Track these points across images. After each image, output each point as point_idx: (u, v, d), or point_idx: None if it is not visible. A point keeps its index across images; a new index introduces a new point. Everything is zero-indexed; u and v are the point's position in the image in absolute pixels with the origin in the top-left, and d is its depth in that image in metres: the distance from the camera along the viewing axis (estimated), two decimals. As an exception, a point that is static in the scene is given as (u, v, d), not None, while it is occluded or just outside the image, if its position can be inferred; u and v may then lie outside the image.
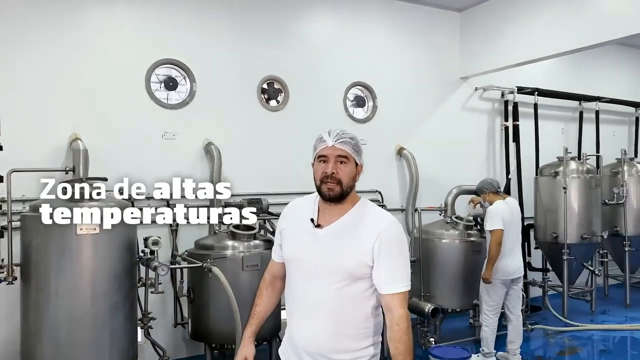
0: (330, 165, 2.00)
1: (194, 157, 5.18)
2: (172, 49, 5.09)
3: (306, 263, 2.06)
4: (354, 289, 2.01)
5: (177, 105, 5.13)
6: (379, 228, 2.00)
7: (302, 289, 2.09)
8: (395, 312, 1.97)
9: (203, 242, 4.40)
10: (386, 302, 2.01)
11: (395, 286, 1.99)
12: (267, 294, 2.30)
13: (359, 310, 2.03)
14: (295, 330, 2.11)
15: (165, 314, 4.91)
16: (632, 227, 6.96)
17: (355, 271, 1.99)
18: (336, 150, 2.00)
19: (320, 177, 2.02)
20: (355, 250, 1.99)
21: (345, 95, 6.04)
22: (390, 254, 1.99)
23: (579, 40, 5.71)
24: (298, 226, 2.12)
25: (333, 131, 2.05)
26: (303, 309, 2.08)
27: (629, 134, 8.66)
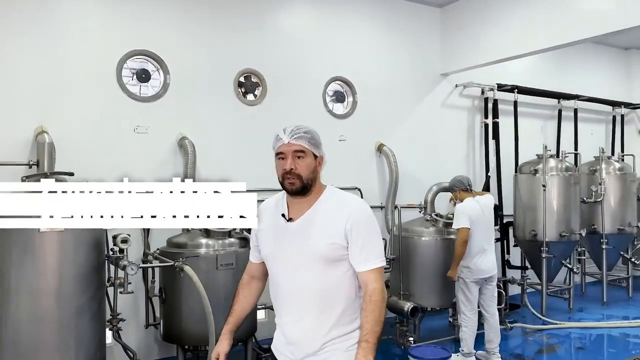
0: (288, 161, 2.05)
1: (168, 152, 5.01)
2: (145, 39, 4.91)
3: (284, 257, 2.12)
4: (334, 273, 2.07)
5: (150, 98, 4.95)
6: (349, 209, 2.06)
7: (284, 283, 2.13)
8: (370, 286, 2.03)
9: (176, 240, 4.24)
10: (363, 279, 2.07)
11: (370, 263, 2.05)
12: (244, 294, 2.38)
13: (343, 294, 2.08)
14: (285, 327, 2.15)
15: (137, 315, 4.74)
16: (609, 225, 6.98)
17: (329, 254, 2.04)
18: (292, 146, 2.05)
19: (281, 173, 2.08)
20: (327, 234, 2.04)
21: (324, 90, 5.92)
22: (363, 232, 2.04)
23: (558, 37, 5.71)
24: (271, 225, 2.17)
25: (288, 128, 2.09)
26: (289, 303, 2.13)
27: (607, 133, 8.72)
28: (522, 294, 6.62)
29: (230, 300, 4.04)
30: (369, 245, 2.05)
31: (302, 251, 2.07)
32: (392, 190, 6.04)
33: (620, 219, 7.06)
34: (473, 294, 4.65)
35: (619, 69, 8.91)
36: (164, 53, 4.99)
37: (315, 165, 2.09)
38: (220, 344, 2.30)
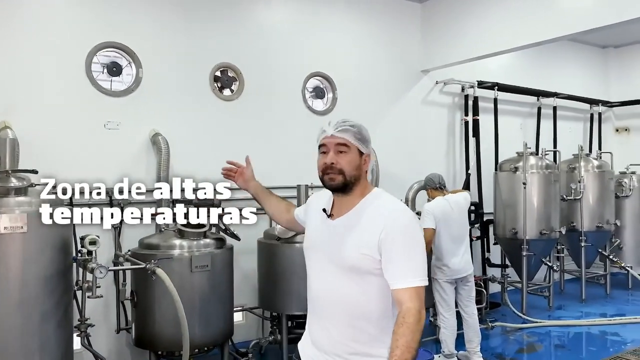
0: (330, 155, 1.92)
1: (140, 149, 4.81)
2: (116, 31, 4.70)
3: (319, 254, 2.01)
4: (366, 286, 1.90)
5: (122, 92, 4.74)
6: (386, 218, 1.87)
7: (316, 284, 2.04)
8: (405, 306, 1.80)
9: (148, 241, 4.06)
10: (397, 297, 1.85)
11: (406, 280, 1.83)
12: (281, 207, 2.48)
13: (375, 309, 1.90)
14: (313, 327, 2.06)
15: (107, 319, 4.54)
16: (587, 223, 7.00)
17: (359, 265, 1.88)
18: (335, 139, 1.92)
19: (322, 167, 1.96)
20: (359, 243, 1.88)
21: (304, 85, 5.77)
22: (400, 244, 1.85)
23: (538, 34, 5.68)
24: (316, 215, 2.08)
25: (333, 121, 1.97)
26: (318, 305, 2.03)
27: (584, 130, 8.76)
28: (503, 293, 6.59)
29: (206, 304, 3.92)
30: (405, 259, 1.85)
31: (336, 256, 1.93)
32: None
33: (599, 216, 7.08)
34: (448, 294, 4.56)
35: (596, 67, 8.96)
36: (136, 46, 4.78)
37: (360, 163, 1.95)
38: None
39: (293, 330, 4.57)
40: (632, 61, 8.84)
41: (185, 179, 4.92)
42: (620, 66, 8.96)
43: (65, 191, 4.11)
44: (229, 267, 4.17)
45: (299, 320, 4.59)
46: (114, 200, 4.56)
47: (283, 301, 4.43)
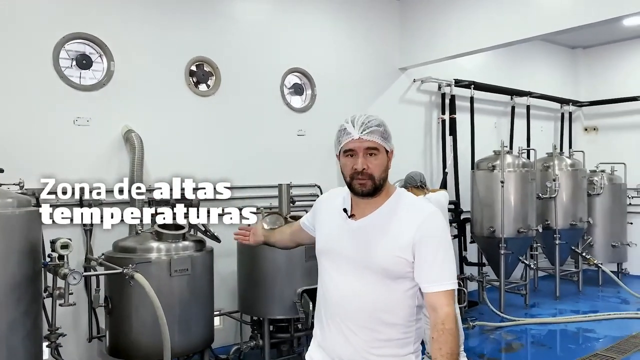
0: (360, 160, 1.81)
1: (112, 146, 4.56)
2: (86, 21, 4.43)
3: (339, 257, 1.88)
4: (394, 289, 1.82)
5: (92, 86, 4.47)
6: (419, 219, 1.80)
7: (335, 288, 1.88)
8: (441, 311, 1.76)
9: (123, 244, 3.82)
10: (431, 302, 1.79)
11: (441, 284, 1.78)
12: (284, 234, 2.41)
13: (401, 314, 1.83)
14: (328, 335, 1.91)
15: (77, 327, 4.29)
16: (561, 221, 7.07)
17: (392, 268, 1.79)
18: (364, 142, 1.81)
19: (350, 172, 1.84)
20: (392, 245, 1.79)
21: (282, 81, 5.60)
22: (435, 246, 1.79)
23: (515, 32, 5.69)
24: (331, 216, 1.96)
25: (357, 120, 1.83)
26: (337, 311, 1.87)
27: (555, 129, 8.89)
28: (481, 291, 6.59)
29: (186, 309, 3.72)
30: (441, 262, 1.78)
31: (362, 258, 1.82)
32: (352, 187, 5.81)
33: (572, 214, 7.17)
34: None
35: (566, 67, 9.11)
36: (108, 37, 4.52)
37: (388, 163, 1.87)
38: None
39: (275, 334, 4.41)
40: (599, 62, 9.02)
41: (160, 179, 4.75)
42: (588, 67, 9.14)
43: (34, 192, 3.88)
44: (209, 271, 3.99)
45: (280, 324, 4.44)
46: (84, 200, 4.31)
47: (265, 305, 4.26)
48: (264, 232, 2.49)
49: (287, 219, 4.32)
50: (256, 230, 2.48)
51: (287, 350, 4.52)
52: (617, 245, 7.79)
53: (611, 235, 7.82)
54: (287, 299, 4.20)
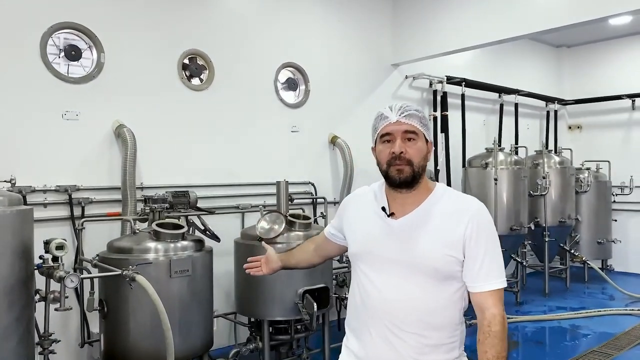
0: (398, 143, 1.70)
1: (102, 142, 4.36)
2: (75, 11, 4.21)
3: (381, 259, 1.76)
4: (444, 291, 1.72)
5: (81, 79, 4.25)
6: (468, 215, 1.71)
7: (379, 293, 1.76)
8: (488, 312, 1.68)
9: (119, 244, 3.63)
10: (478, 301, 1.71)
11: (490, 282, 1.69)
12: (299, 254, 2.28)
13: (448, 316, 1.74)
14: (368, 343, 1.78)
15: (66, 332, 4.08)
16: (550, 218, 7.10)
17: (444, 268, 1.69)
18: (402, 125, 1.70)
19: (387, 158, 1.72)
20: (441, 243, 1.69)
21: (276, 76, 5.46)
22: (484, 243, 1.70)
23: (506, 30, 5.67)
24: (364, 216, 1.84)
25: (395, 105, 1.75)
26: (381, 317, 1.75)
27: (540, 127, 8.95)
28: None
29: (186, 312, 3.56)
30: (490, 260, 1.69)
31: (407, 260, 1.71)
32: (346, 185, 5.71)
33: (561, 212, 7.21)
34: None
35: (551, 65, 9.18)
36: (97, 27, 4.31)
37: (427, 151, 1.76)
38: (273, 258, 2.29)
39: (274, 336, 4.28)
40: (583, 61, 9.11)
41: (153, 176, 4.58)
42: (572, 65, 9.22)
43: (20, 190, 3.67)
44: (209, 272, 3.83)
45: (279, 326, 4.31)
46: (73, 198, 4.12)
47: (265, 306, 4.12)
48: (280, 256, 2.31)
49: (287, 217, 4.20)
50: (270, 257, 2.31)
51: (286, 352, 4.40)
52: (603, 242, 7.87)
53: (596, 232, 7.90)
54: (287, 299, 4.07)
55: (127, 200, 4.18)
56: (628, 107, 8.50)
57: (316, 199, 5.60)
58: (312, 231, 4.29)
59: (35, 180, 3.98)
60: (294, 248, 2.35)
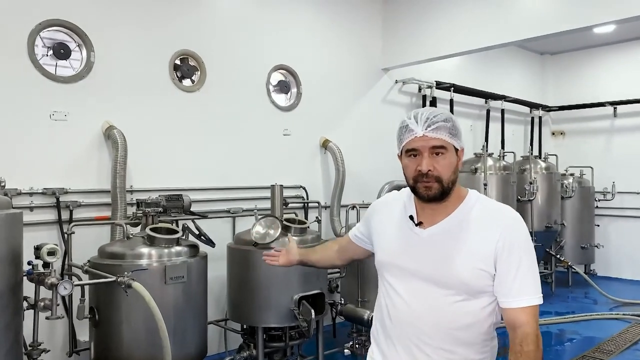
0: (425, 161, 1.60)
1: (92, 143, 4.22)
2: (64, 8, 4.08)
3: (408, 271, 1.70)
4: (474, 306, 1.63)
5: (70, 78, 4.12)
6: (501, 226, 1.62)
7: (406, 306, 1.69)
8: (520, 330, 1.56)
9: (111, 250, 3.51)
10: (510, 318, 1.60)
11: (523, 298, 1.58)
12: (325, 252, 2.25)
13: (478, 332, 1.65)
14: (392, 356, 1.73)
15: (52, 341, 3.92)
16: (537, 223, 7.16)
17: (474, 283, 1.61)
18: (429, 140, 1.60)
19: (414, 175, 1.63)
20: (472, 256, 1.60)
21: (268, 78, 5.38)
22: (518, 256, 1.59)
23: (495, 37, 5.71)
24: (392, 224, 1.77)
25: (420, 115, 1.62)
26: (407, 331, 1.69)
27: (525, 133, 9.04)
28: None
29: (181, 319, 3.46)
30: (524, 274, 1.59)
31: (436, 272, 1.63)
32: (338, 189, 5.66)
33: (547, 217, 7.28)
34: None
35: (535, 72, 9.29)
36: (87, 25, 4.18)
37: (457, 163, 1.67)
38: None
39: (268, 343, 4.19)
40: (566, 68, 9.24)
41: (144, 179, 4.46)
42: (556, 72, 9.35)
43: (6, 193, 3.53)
44: (204, 278, 3.72)
45: (272, 333, 4.22)
46: (61, 201, 3.98)
47: (260, 313, 4.03)
48: (300, 251, 2.28)
49: (283, 221, 4.12)
50: (291, 249, 2.27)
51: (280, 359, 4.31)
52: (586, 247, 7.98)
53: (580, 237, 8.00)
54: (283, 306, 3.99)
55: (117, 204, 4.05)
56: (610, 114, 8.64)
57: (308, 203, 5.53)
58: (308, 236, 4.23)
59: (21, 183, 3.83)
60: (317, 245, 2.36)
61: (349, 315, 4.65)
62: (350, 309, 4.67)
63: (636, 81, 8.31)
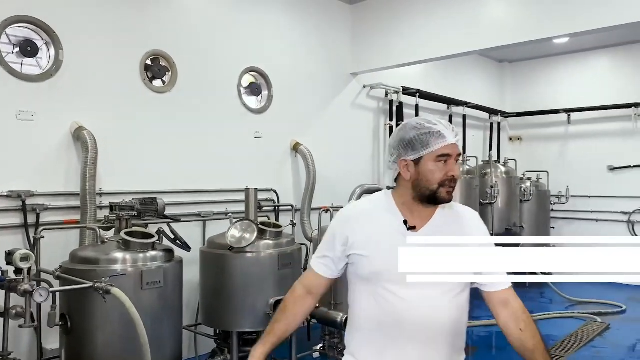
0: (457, 167, 1.78)
1: (59, 145, 4.09)
2: (31, 4, 3.94)
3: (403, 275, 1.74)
4: (463, 298, 1.82)
5: (37, 77, 3.98)
6: (474, 221, 1.88)
7: (415, 310, 1.75)
8: (516, 302, 1.83)
9: (84, 255, 3.40)
10: (502, 298, 1.83)
11: (507, 278, 1.85)
12: (294, 311, 1.93)
13: (465, 321, 1.87)
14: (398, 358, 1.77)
15: (17, 349, 3.75)
16: (497, 226, 7.40)
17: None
18: (456, 148, 1.76)
19: (441, 179, 1.74)
20: (461, 251, 1.77)
21: (239, 80, 5.35)
22: (492, 245, 1.84)
23: (460, 45, 5.88)
24: (383, 232, 1.79)
25: (446, 124, 1.77)
26: (418, 333, 1.76)
27: (484, 138, 9.31)
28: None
29: (157, 325, 3.39)
30: (500, 257, 1.81)
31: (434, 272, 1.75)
32: (309, 192, 5.68)
33: (507, 219, 7.53)
34: None
35: (494, 79, 9.59)
36: (55, 22, 4.04)
37: None
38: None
39: (242, 348, 4.15)
40: (524, 76, 9.60)
41: (114, 182, 4.34)
42: (514, 80, 9.70)
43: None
44: (180, 283, 3.67)
45: (246, 337, 4.19)
46: (27, 205, 3.84)
47: (235, 317, 4.00)
48: (265, 348, 1.87)
49: (259, 225, 4.10)
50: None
51: (254, 364, 4.28)
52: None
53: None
54: (258, 310, 3.97)
55: (87, 208, 3.94)
56: (564, 121, 9.02)
57: (279, 206, 5.52)
58: (283, 239, 4.23)
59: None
60: (276, 317, 1.93)
61: (322, 318, 4.65)
62: (323, 312, 4.67)
63: (589, 89, 8.72)
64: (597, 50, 8.69)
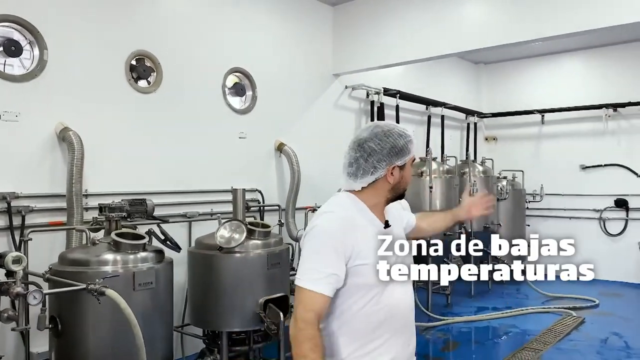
0: None
1: (44, 145, 4.04)
2: (15, 3, 3.88)
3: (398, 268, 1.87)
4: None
5: (22, 77, 3.92)
6: (400, 202, 2.08)
7: (403, 301, 1.90)
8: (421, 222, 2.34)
9: (74, 257, 3.37)
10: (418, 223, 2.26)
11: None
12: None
13: None
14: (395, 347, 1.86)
15: (4, 353, 3.71)
16: (476, 224, 7.54)
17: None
18: None
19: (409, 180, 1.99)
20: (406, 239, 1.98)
21: (224, 81, 5.35)
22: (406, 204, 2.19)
23: (439, 47, 6.00)
24: (372, 237, 1.83)
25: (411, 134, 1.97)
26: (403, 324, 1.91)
27: (461, 138, 9.49)
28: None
29: (149, 326, 3.39)
30: None
31: (408, 261, 1.91)
32: (293, 192, 5.71)
33: (485, 218, 7.68)
34: None
35: (471, 80, 9.78)
36: (40, 21, 4.00)
37: None
38: None
39: (232, 348, 4.17)
40: (499, 77, 9.82)
41: (100, 183, 4.31)
42: (489, 81, 9.91)
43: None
44: (170, 283, 3.66)
45: (235, 337, 4.20)
46: (12, 207, 3.78)
47: (224, 317, 4.01)
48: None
49: (248, 225, 4.12)
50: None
51: (243, 364, 4.31)
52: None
53: (513, 236, 8.40)
54: (248, 310, 4.00)
55: (73, 209, 3.90)
56: (538, 121, 9.26)
57: (264, 206, 5.54)
58: (271, 239, 4.26)
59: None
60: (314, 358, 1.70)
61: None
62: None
63: (562, 91, 8.97)
64: (570, 53, 8.95)
